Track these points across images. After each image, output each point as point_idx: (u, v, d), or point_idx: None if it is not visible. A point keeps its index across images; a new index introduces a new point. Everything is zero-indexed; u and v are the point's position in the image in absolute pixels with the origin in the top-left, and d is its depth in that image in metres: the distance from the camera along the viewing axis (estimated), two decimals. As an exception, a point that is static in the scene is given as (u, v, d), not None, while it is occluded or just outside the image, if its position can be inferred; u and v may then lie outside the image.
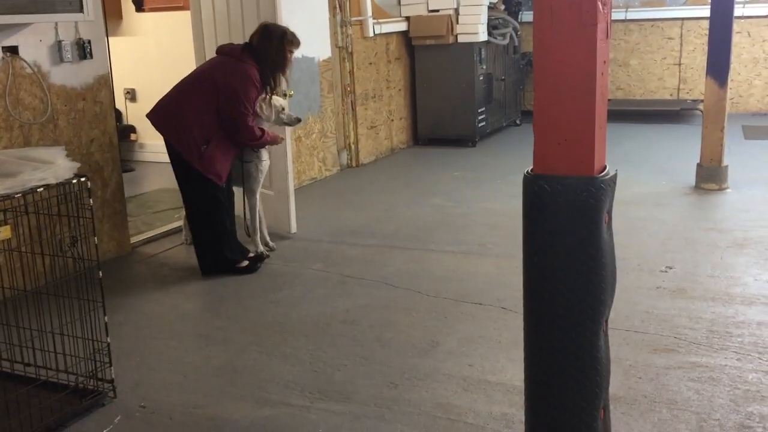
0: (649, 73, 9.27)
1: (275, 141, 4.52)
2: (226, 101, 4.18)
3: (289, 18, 5.04)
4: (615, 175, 1.96)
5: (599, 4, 1.83)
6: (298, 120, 4.68)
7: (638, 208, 5.42)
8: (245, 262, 4.47)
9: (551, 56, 1.89)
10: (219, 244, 4.37)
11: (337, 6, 6.80)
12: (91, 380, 2.98)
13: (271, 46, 4.27)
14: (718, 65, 5.57)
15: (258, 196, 4.66)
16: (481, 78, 7.90)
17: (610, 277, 1.95)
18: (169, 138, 4.26)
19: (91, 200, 2.93)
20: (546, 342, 1.95)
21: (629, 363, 3.16)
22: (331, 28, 6.76)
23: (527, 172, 1.98)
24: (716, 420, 2.71)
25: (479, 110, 7.88)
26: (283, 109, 4.57)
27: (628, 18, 9.22)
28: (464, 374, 3.13)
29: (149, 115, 4.36)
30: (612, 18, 6.59)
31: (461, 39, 7.71)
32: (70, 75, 4.41)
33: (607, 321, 2.01)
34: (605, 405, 2.02)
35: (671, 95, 9.19)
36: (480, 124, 7.93)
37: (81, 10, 4.07)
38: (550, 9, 1.86)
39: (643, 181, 6.13)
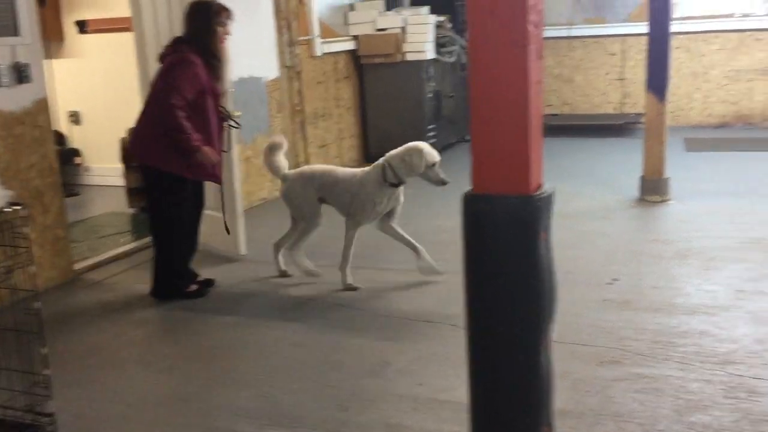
0: (593, 88, 9.48)
1: (205, 156, 4.07)
2: (160, 92, 4.07)
3: (234, 38, 5.01)
4: (552, 193, 1.99)
5: (530, 25, 1.86)
6: (444, 182, 4.21)
7: (584, 221, 5.52)
8: (194, 287, 4.40)
9: (485, 76, 1.91)
10: (171, 269, 4.30)
11: (284, 25, 6.79)
12: (30, 414, 2.88)
13: (199, 23, 4.16)
14: (658, 80, 5.72)
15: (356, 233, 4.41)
16: (430, 95, 7.97)
17: (549, 293, 1.97)
18: (151, 162, 4.15)
19: (28, 229, 2.85)
20: (487, 360, 1.96)
21: (576, 377, 3.20)
22: (278, 47, 6.74)
23: (466, 191, 2.00)
24: (660, 431, 2.75)
25: (429, 127, 7.94)
26: (434, 165, 4.20)
27: (572, 35, 9.42)
28: (414, 394, 3.12)
29: (130, 151, 4.34)
30: (556, 35, 6.71)
31: (409, 57, 7.77)
32: (7, 99, 4.30)
33: (549, 337, 2.03)
34: (549, 421, 2.04)
35: (615, 109, 9.41)
36: (430, 141, 7.97)
37: (17, 33, 3.99)
38: (483, 29, 1.88)
39: (589, 194, 6.24)
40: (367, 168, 4.44)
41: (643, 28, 6.05)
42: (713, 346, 3.42)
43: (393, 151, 4.26)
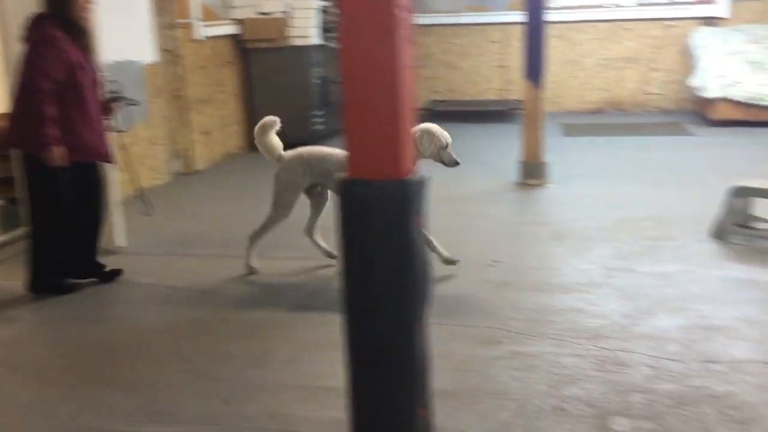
0: (477, 74, 9.70)
1: (51, 156, 3.80)
2: (26, 76, 3.84)
3: (107, 19, 4.77)
4: (424, 178, 2.00)
5: (398, 10, 1.85)
6: (457, 163, 4.23)
7: (468, 205, 5.65)
8: (69, 281, 4.17)
9: (355, 63, 1.89)
10: (47, 261, 4.06)
11: (162, 7, 6.53)
12: None
13: None
14: (534, 68, 5.91)
15: None
16: (317, 81, 7.90)
17: (422, 275, 1.98)
18: (26, 148, 3.91)
19: None
20: (362, 344, 1.96)
21: (458, 357, 3.27)
22: (156, 30, 6.48)
23: (342, 176, 1.98)
24: (535, 405, 2.85)
25: (316, 113, 7.88)
26: (447, 146, 4.18)
27: (457, 22, 9.59)
28: (299, 382, 3.09)
29: (6, 138, 4.03)
30: (442, 22, 6.74)
31: (294, 42, 7.67)
32: None
33: (424, 319, 2.05)
34: (426, 403, 2.06)
35: (498, 96, 9.67)
36: (317, 127, 7.93)
37: None
38: (352, 14, 1.86)
39: (473, 178, 6.39)
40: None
41: (521, 16, 6.22)
42: (585, 321, 3.59)
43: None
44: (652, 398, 2.87)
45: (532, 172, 6.12)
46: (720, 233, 4.62)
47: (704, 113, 8.31)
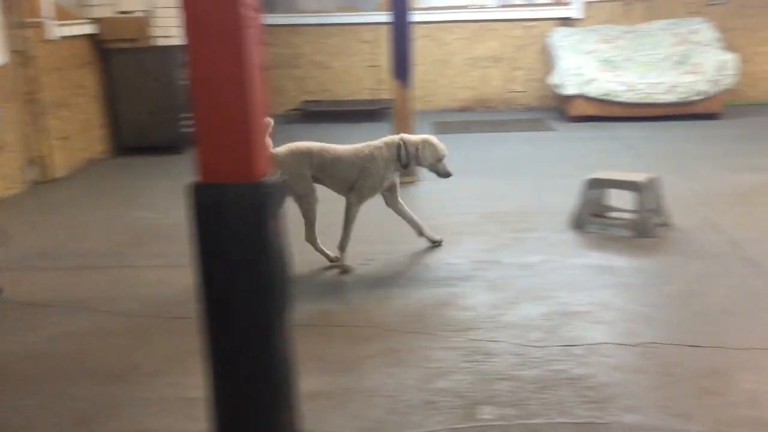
0: (350, 74, 9.74)
1: None
2: None
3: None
4: (279, 180, 1.97)
5: (244, 9, 1.81)
6: (450, 175, 4.48)
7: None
8: None
9: (201, 63, 1.84)
10: None
11: (10, 5, 6.11)
12: None
13: None
14: (401, 68, 6.00)
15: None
16: (184, 83, 7.66)
17: (281, 279, 1.95)
18: None
19: None
20: (221, 351, 1.90)
21: (330, 359, 3.26)
22: (3, 30, 6.06)
23: (192, 182, 1.91)
24: (407, 400, 2.89)
25: (183, 116, 7.63)
26: (443, 158, 4.41)
27: (328, 22, 9.59)
28: (164, 395, 2.98)
29: None
30: (313, 22, 6.71)
31: (158, 42, 7.40)
32: None
33: (285, 322, 2.02)
34: (291, 408, 2.03)
35: (370, 95, 9.76)
36: (185, 130, 7.69)
37: None
38: (195, 15, 1.80)
39: (346, 178, 6.40)
40: (374, 143, 4.43)
41: (387, 17, 6.30)
42: (456, 314, 3.68)
43: (407, 136, 4.50)
44: (517, 385, 2.98)
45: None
46: (578, 223, 4.86)
47: (564, 110, 8.74)
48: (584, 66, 8.34)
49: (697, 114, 8.29)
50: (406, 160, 4.38)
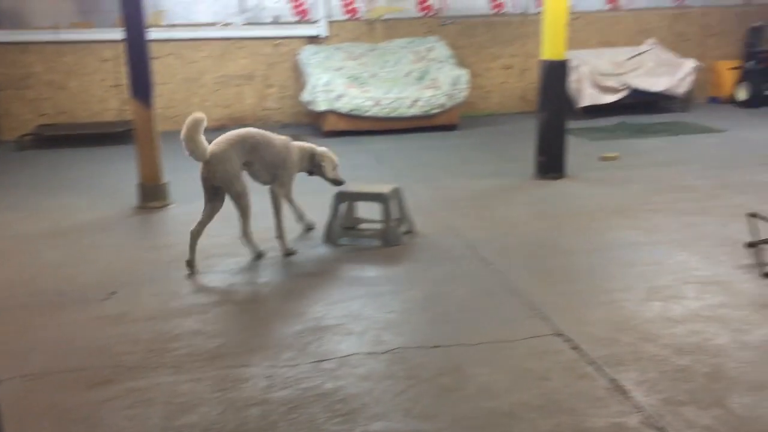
0: (90, 95, 9.11)
1: None
2: None
3: None
4: None
5: None
6: (342, 183, 4.98)
7: (81, 236, 5.22)
8: None
9: None
10: None
11: None
12: None
13: None
14: (141, 87, 5.70)
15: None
16: None
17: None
18: None
19: None
20: None
21: (63, 407, 2.95)
22: None
23: None
24: (148, 443, 2.69)
25: None
26: (336, 168, 4.99)
27: (61, 39, 8.88)
28: None
29: None
30: (42, 39, 6.16)
31: None
32: None
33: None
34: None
35: (115, 116, 9.20)
36: None
37: None
38: None
39: (88, 207, 5.96)
40: (287, 138, 4.86)
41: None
42: (205, 343, 3.52)
43: (319, 148, 4.98)
44: (267, 409, 2.90)
45: (152, 195, 5.91)
46: (330, 237, 4.94)
47: (318, 125, 8.91)
48: (332, 83, 8.58)
49: (438, 126, 8.90)
50: (310, 167, 4.96)
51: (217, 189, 4.51)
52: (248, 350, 3.43)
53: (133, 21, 5.55)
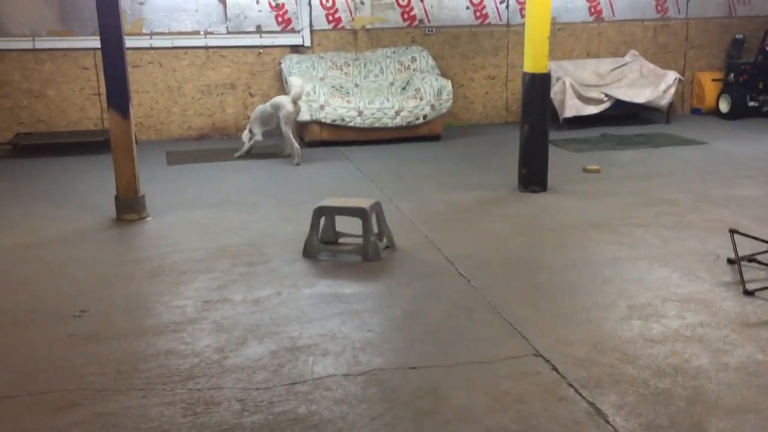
0: (69, 103, 8.98)
1: None
2: None
3: None
4: None
5: None
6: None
7: (53, 249, 5.11)
8: None
9: None
10: None
11: None
12: None
13: None
14: (118, 97, 5.60)
15: None
16: None
17: None
18: None
19: None
20: None
21: (27, 433, 2.86)
22: None
23: None
24: (113, 473, 2.61)
25: None
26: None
27: (38, 47, 8.76)
28: None
29: None
30: (20, 47, 6.05)
31: None
32: None
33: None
34: None
35: (96, 125, 9.07)
36: None
37: None
38: None
39: (62, 218, 5.84)
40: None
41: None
42: (177, 363, 3.43)
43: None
44: (238, 435, 2.83)
45: (129, 207, 5.80)
46: (309, 252, 4.86)
47: (300, 135, 8.83)
48: (316, 92, 8.50)
49: (422, 136, 8.84)
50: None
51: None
52: (221, 371, 3.35)
53: (110, 30, 5.46)
